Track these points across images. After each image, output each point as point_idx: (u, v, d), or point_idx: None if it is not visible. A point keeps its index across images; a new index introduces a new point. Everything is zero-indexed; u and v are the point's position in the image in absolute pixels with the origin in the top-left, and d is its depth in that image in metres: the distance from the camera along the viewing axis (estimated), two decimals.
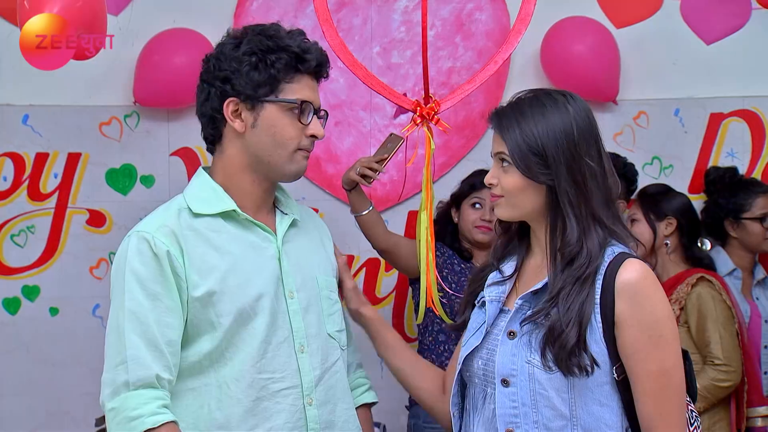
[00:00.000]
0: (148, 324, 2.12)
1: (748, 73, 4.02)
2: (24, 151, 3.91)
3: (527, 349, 1.99)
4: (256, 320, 2.17)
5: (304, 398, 2.19)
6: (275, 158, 2.22)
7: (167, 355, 2.13)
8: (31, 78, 3.43)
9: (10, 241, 3.91)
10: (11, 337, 3.90)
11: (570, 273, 1.98)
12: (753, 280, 3.84)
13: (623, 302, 1.96)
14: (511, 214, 2.08)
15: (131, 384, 2.11)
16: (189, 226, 2.20)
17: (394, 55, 3.99)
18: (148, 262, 2.14)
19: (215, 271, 2.17)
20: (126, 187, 3.96)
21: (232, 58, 2.20)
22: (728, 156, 4.04)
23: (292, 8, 3.99)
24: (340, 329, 2.32)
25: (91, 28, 2.71)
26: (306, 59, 2.20)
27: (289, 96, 2.20)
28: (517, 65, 3.98)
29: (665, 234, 3.56)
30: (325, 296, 2.30)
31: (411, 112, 2.55)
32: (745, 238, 3.80)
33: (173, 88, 3.84)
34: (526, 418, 1.97)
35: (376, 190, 3.91)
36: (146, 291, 2.13)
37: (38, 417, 3.90)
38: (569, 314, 1.94)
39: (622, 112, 4.03)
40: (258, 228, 2.24)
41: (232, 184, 2.24)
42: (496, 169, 2.07)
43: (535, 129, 2.02)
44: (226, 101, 2.20)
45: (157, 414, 2.09)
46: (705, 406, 3.35)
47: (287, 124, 2.20)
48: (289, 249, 2.26)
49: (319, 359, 2.23)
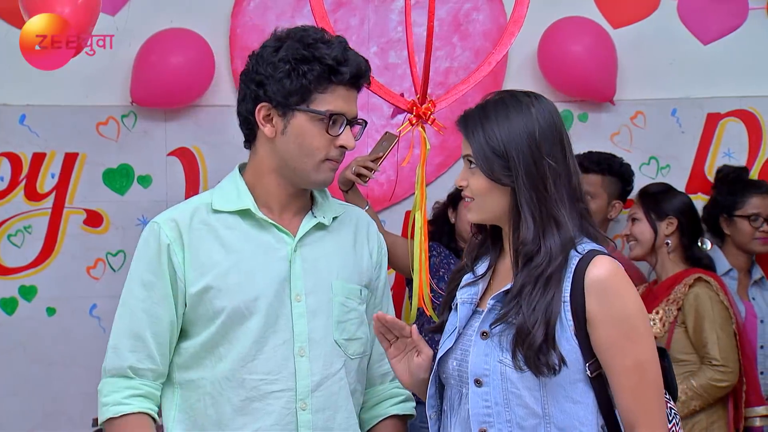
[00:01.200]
0: (136, 313, 2.19)
1: (745, 73, 4.02)
2: (21, 151, 3.91)
3: (499, 349, 1.99)
4: (251, 320, 2.17)
5: (297, 402, 2.18)
6: (301, 166, 2.20)
7: (152, 345, 2.18)
8: (28, 78, 3.44)
9: (7, 241, 3.91)
10: (8, 337, 3.90)
11: (529, 272, 1.99)
12: (749, 280, 3.85)
13: (593, 299, 1.96)
14: (481, 217, 2.09)
15: (107, 371, 2.20)
16: (204, 221, 2.22)
17: (392, 56, 3.99)
18: (149, 251, 2.20)
19: (217, 267, 2.18)
20: (123, 187, 3.96)
21: (269, 62, 2.18)
22: (725, 156, 4.04)
23: (290, 8, 3.99)
24: (350, 338, 2.27)
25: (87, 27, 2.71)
26: (340, 71, 2.16)
27: (320, 106, 2.17)
28: (514, 65, 3.98)
29: (666, 233, 3.56)
30: (339, 302, 2.25)
31: (407, 112, 2.56)
32: (735, 236, 3.80)
33: (170, 88, 3.84)
34: (499, 417, 1.98)
35: (373, 190, 3.91)
36: (142, 279, 2.20)
37: (35, 417, 3.90)
38: (535, 314, 1.95)
39: (620, 112, 4.03)
40: (275, 228, 2.23)
41: (259, 183, 2.25)
42: (465, 171, 2.09)
43: (498, 131, 2.03)
44: (258, 105, 2.20)
45: (121, 404, 2.16)
46: (701, 405, 3.36)
47: (316, 134, 2.19)
48: (306, 252, 2.24)
49: (320, 365, 2.21)
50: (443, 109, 2.67)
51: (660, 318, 3.44)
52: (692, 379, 3.34)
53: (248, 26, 3.98)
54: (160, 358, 2.19)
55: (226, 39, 3.97)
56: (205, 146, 3.98)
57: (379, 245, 2.40)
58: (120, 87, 3.89)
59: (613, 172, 3.78)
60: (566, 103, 3.99)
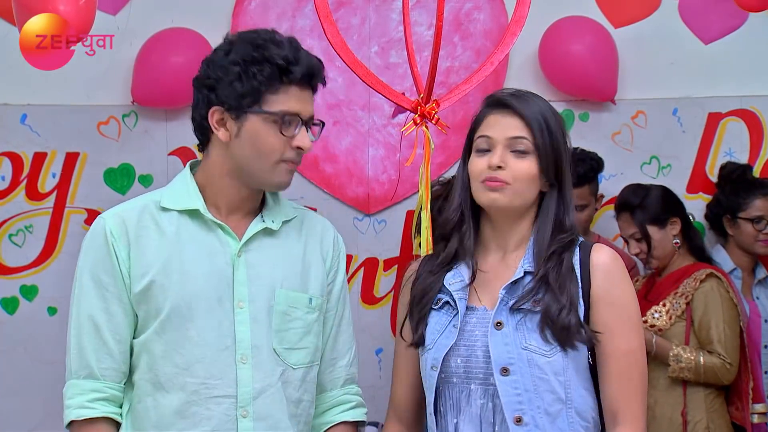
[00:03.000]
0: (92, 311, 2.17)
1: (746, 72, 4.02)
2: (22, 151, 3.91)
3: (520, 336, 2.03)
4: (192, 323, 2.15)
5: (238, 409, 2.15)
6: (256, 169, 2.18)
7: (111, 343, 2.16)
8: (29, 77, 3.43)
9: (8, 240, 3.91)
10: (9, 337, 3.90)
11: (556, 259, 2.07)
12: (754, 279, 3.84)
13: (599, 281, 2.06)
14: (513, 203, 2.10)
15: (72, 372, 2.21)
16: (152, 218, 2.20)
17: (393, 55, 3.99)
18: (96, 246, 2.19)
19: (159, 263, 2.16)
20: (124, 186, 3.96)
21: (220, 66, 2.18)
22: (726, 155, 4.03)
23: (290, 8, 3.99)
24: (292, 347, 2.22)
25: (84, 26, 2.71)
26: (290, 71, 2.15)
27: (273, 107, 2.15)
28: (515, 65, 3.98)
29: (674, 234, 3.55)
30: (280, 311, 2.20)
31: (410, 112, 2.56)
32: (738, 238, 3.80)
33: (171, 87, 3.84)
34: (530, 404, 2.01)
35: (374, 190, 3.92)
36: (92, 275, 2.18)
37: (36, 416, 3.90)
38: (564, 298, 2.03)
39: (620, 111, 4.03)
40: (220, 230, 2.21)
41: (210, 185, 2.23)
42: (504, 154, 2.09)
43: (552, 120, 2.11)
44: (210, 110, 2.18)
45: (84, 408, 2.17)
46: (691, 379, 3.36)
47: (270, 135, 2.16)
48: (250, 257, 2.21)
49: (262, 373, 2.17)
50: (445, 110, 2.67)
51: (667, 311, 3.43)
52: (701, 355, 3.34)
53: (249, 26, 3.97)
54: (120, 356, 2.18)
55: None
56: None
57: (334, 249, 2.35)
58: (121, 86, 3.89)
59: (594, 175, 3.78)
60: (567, 103, 3.99)
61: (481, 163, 2.12)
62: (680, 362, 3.33)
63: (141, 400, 2.18)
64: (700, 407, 3.39)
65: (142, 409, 2.18)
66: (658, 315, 3.43)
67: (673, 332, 3.42)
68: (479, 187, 2.12)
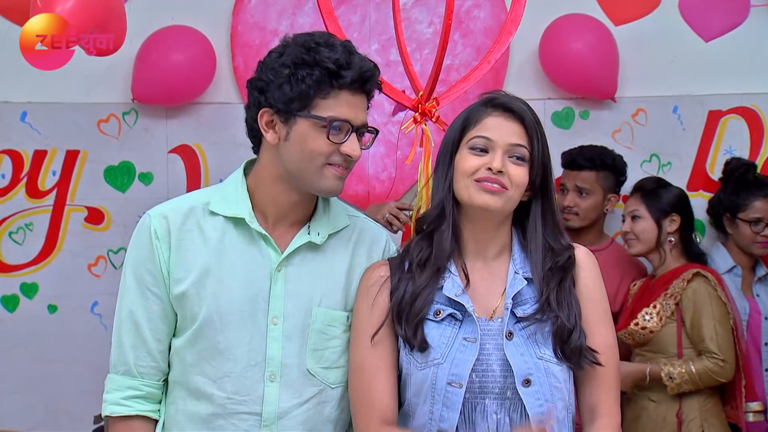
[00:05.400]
0: (133, 308, 2.17)
1: (746, 70, 4.02)
2: (22, 149, 3.92)
3: (534, 346, 2.03)
4: (223, 335, 2.13)
5: (262, 428, 2.13)
6: (303, 172, 2.12)
7: (150, 341, 2.16)
8: (29, 75, 3.42)
9: (8, 238, 3.91)
10: (9, 335, 3.91)
11: (554, 265, 2.10)
12: (754, 277, 3.84)
13: (583, 279, 2.11)
14: (505, 208, 2.09)
15: (112, 366, 2.20)
16: (197, 222, 2.18)
17: (392, 53, 3.98)
18: (141, 244, 2.19)
19: (197, 271, 2.14)
20: (124, 184, 3.96)
21: (271, 68, 2.13)
22: (727, 153, 4.03)
23: (291, 5, 3.98)
24: (330, 366, 2.17)
25: (105, 26, 2.71)
26: (341, 75, 2.08)
27: (322, 112, 2.09)
28: (515, 62, 3.98)
29: (669, 231, 3.55)
30: (317, 330, 2.15)
31: (411, 110, 2.56)
32: (737, 237, 3.79)
33: (172, 85, 3.85)
34: (549, 415, 2.02)
35: (374, 188, 3.91)
36: (135, 274, 2.18)
37: (37, 415, 3.91)
38: (570, 309, 2.06)
39: (621, 109, 4.03)
40: (263, 242, 2.17)
41: (260, 189, 2.19)
42: (504, 159, 2.07)
43: (543, 132, 2.13)
44: (260, 111, 2.14)
45: (119, 405, 2.16)
46: (692, 389, 3.36)
47: (317, 140, 2.10)
48: (290, 272, 2.16)
49: (291, 392, 2.14)
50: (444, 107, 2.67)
51: (657, 312, 3.44)
52: (691, 364, 3.34)
53: (249, 24, 3.98)
54: (159, 355, 2.17)
55: (227, 36, 3.97)
56: (206, 144, 3.98)
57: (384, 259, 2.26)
58: (121, 84, 3.89)
59: (606, 166, 3.77)
60: (568, 100, 3.98)
61: (476, 162, 2.07)
62: (674, 379, 3.34)
63: (174, 401, 2.18)
64: (693, 407, 3.39)
65: (173, 411, 2.18)
66: (648, 317, 3.43)
67: (664, 333, 3.42)
68: (471, 185, 2.07)
